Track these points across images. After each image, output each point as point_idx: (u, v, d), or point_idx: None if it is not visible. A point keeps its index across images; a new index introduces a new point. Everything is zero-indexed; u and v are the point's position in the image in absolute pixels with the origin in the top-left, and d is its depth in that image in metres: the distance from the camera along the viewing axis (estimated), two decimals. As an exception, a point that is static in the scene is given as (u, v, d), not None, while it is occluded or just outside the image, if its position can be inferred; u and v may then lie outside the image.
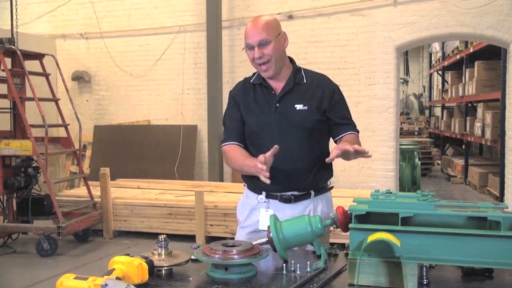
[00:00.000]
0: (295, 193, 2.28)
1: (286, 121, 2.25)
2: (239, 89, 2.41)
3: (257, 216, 2.32)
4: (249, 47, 2.23)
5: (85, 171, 6.83)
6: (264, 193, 2.30)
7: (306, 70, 2.38)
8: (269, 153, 2.01)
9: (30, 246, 5.62)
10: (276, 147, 2.02)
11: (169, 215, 5.96)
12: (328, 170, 2.38)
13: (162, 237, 1.82)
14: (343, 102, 2.37)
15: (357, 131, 2.37)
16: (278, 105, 2.27)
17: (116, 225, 6.22)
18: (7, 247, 5.71)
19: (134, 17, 8.08)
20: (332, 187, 2.45)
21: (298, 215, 2.16)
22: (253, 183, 2.35)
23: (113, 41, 8.19)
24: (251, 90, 2.36)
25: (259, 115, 2.30)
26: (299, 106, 2.25)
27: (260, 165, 2.00)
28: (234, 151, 2.33)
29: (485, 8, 6.32)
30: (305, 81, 2.32)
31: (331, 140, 2.41)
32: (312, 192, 2.31)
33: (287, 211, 2.24)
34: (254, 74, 2.40)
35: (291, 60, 2.38)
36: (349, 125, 2.35)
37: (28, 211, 5.61)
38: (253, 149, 2.32)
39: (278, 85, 2.31)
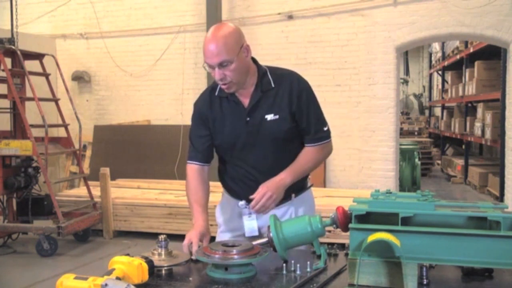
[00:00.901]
0: None
1: (258, 133, 2.14)
2: (205, 101, 2.24)
3: (239, 220, 2.24)
4: (209, 66, 2.05)
5: (85, 171, 6.83)
6: (244, 200, 2.18)
7: (272, 71, 2.20)
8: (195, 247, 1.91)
9: (30, 246, 5.62)
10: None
11: (169, 215, 5.96)
12: None
13: (162, 237, 1.82)
14: (310, 104, 2.19)
15: (326, 137, 2.23)
16: (248, 118, 2.14)
17: (116, 225, 6.22)
18: (7, 247, 5.71)
19: (134, 17, 8.08)
20: (311, 185, 2.40)
21: (280, 217, 2.18)
22: (231, 190, 2.32)
23: (113, 41, 8.19)
24: (217, 102, 2.20)
25: (230, 129, 2.17)
26: (269, 116, 2.13)
27: (186, 248, 1.92)
28: (191, 179, 2.24)
29: (485, 8, 6.32)
30: (273, 85, 2.16)
31: None
32: (293, 195, 2.25)
33: (269, 215, 2.21)
34: (217, 84, 2.21)
35: (254, 60, 2.19)
36: (312, 133, 2.19)
37: (28, 211, 5.61)
38: (227, 162, 2.28)
39: (245, 96, 2.16)
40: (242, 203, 2.18)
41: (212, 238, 2.08)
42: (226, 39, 2.01)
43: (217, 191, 2.48)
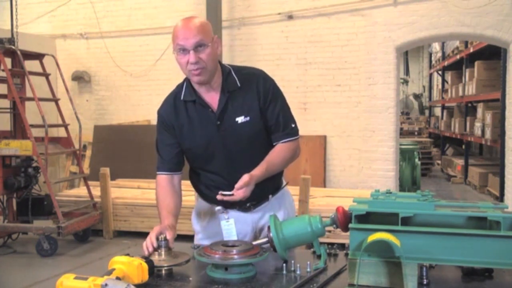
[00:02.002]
0: (253, 202, 2.17)
1: (231, 137, 2.08)
2: (169, 108, 2.17)
3: (216, 226, 2.19)
4: (182, 50, 1.99)
5: (85, 171, 6.83)
6: (221, 206, 2.13)
7: (236, 70, 2.16)
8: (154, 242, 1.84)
9: (30, 246, 5.62)
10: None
11: (169, 215, 5.95)
12: (279, 172, 2.25)
13: (162, 237, 1.82)
14: (276, 101, 2.14)
15: (294, 134, 2.18)
16: (219, 122, 2.07)
17: (116, 225, 6.22)
18: (7, 247, 5.71)
19: (134, 17, 8.08)
20: (287, 183, 2.35)
21: (259, 218, 2.19)
22: (206, 196, 2.26)
23: (113, 41, 8.19)
24: (183, 108, 2.13)
25: (200, 135, 2.10)
26: (240, 119, 2.07)
27: (148, 247, 1.83)
28: (159, 190, 2.18)
29: (485, 8, 6.32)
30: (239, 84, 2.11)
31: None
32: (270, 195, 2.22)
33: (247, 219, 2.19)
34: (180, 88, 2.19)
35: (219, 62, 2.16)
36: (280, 130, 2.14)
37: (28, 211, 5.61)
38: (198, 168, 2.22)
39: (212, 99, 2.10)
40: (219, 208, 2.12)
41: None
42: (202, 23, 2.02)
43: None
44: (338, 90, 7.02)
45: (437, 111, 15.90)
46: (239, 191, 1.95)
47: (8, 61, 5.66)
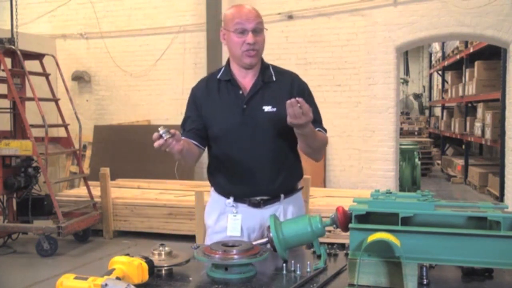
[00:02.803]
0: (264, 197, 2.18)
1: (254, 124, 2.13)
2: (202, 87, 2.26)
3: (226, 221, 2.21)
4: (241, 31, 2.09)
5: (85, 171, 6.83)
6: (232, 198, 2.19)
7: (275, 67, 2.26)
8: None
9: (30, 246, 5.62)
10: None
11: (169, 215, 5.96)
12: (297, 172, 2.30)
13: (161, 127, 1.82)
14: (311, 99, 2.21)
15: (325, 131, 2.25)
16: (245, 106, 2.14)
17: (116, 225, 6.22)
18: (7, 247, 5.71)
19: (134, 17, 8.08)
20: (301, 188, 2.37)
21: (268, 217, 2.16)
22: (220, 186, 2.27)
23: (113, 41, 8.19)
24: (215, 87, 2.20)
25: (224, 117, 2.16)
26: (267, 108, 2.13)
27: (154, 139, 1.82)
28: None
29: (485, 8, 6.32)
30: (274, 79, 2.20)
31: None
32: (282, 195, 2.22)
33: (256, 216, 2.18)
34: (218, 70, 2.26)
35: None
36: (315, 123, 2.14)
37: (28, 211, 5.61)
38: (220, 153, 2.22)
39: (246, 84, 2.18)
40: (229, 201, 2.18)
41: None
42: (257, 10, 2.17)
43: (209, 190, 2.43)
44: (338, 90, 7.02)
45: (437, 111, 15.90)
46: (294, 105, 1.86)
47: (8, 61, 5.66)
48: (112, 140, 7.88)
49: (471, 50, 9.55)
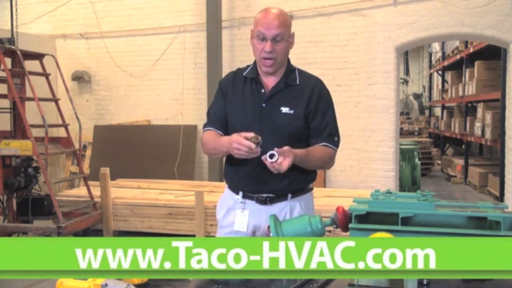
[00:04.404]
0: (271, 195, 2.23)
1: (270, 123, 2.17)
2: (230, 79, 2.34)
3: (233, 216, 2.27)
4: (261, 38, 2.15)
5: (85, 171, 6.83)
6: (241, 193, 2.26)
7: (301, 71, 2.31)
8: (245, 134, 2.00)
9: (30, 246, 5.61)
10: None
11: (169, 215, 5.96)
12: (309, 174, 2.30)
13: (251, 136, 1.95)
14: (328, 109, 2.26)
15: (335, 145, 2.25)
16: (264, 105, 2.20)
17: (116, 225, 6.22)
18: (7, 247, 5.70)
19: (134, 17, 8.08)
20: (312, 188, 2.38)
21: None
22: (232, 181, 2.32)
23: (113, 41, 8.19)
24: (241, 83, 2.28)
25: (243, 112, 2.23)
26: (285, 109, 2.18)
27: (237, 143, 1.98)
28: (209, 134, 2.26)
29: (485, 8, 6.32)
30: (297, 82, 2.25)
31: None
32: (289, 194, 2.24)
33: (262, 212, 2.20)
34: (247, 67, 2.33)
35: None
36: (323, 136, 2.22)
37: (28, 211, 5.60)
38: None
39: (269, 83, 2.24)
40: (238, 197, 2.23)
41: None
42: (287, 17, 2.20)
43: (217, 191, 2.48)
44: (338, 90, 7.02)
45: (437, 111, 15.90)
46: (284, 163, 1.99)
47: (8, 61, 5.65)
48: (112, 140, 7.88)
49: (471, 50, 9.55)
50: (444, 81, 13.66)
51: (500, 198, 7.59)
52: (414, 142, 10.04)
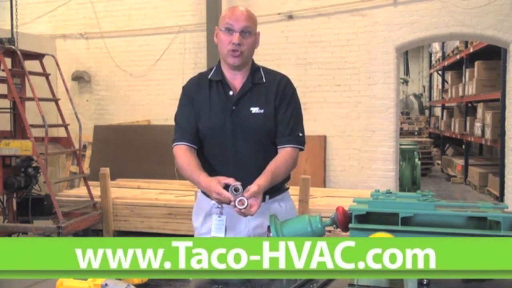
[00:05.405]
0: None
1: (241, 126, 2.13)
2: (194, 84, 2.26)
3: (211, 223, 2.17)
4: (229, 30, 2.11)
5: (85, 171, 6.83)
6: (215, 200, 2.13)
7: (265, 69, 2.27)
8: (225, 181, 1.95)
9: (30, 246, 5.61)
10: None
11: (169, 215, 5.96)
12: None
13: (233, 185, 1.91)
14: (291, 104, 2.20)
15: (299, 143, 2.20)
16: (234, 108, 2.14)
17: (116, 225, 6.22)
18: (7, 247, 5.70)
19: (134, 17, 8.08)
20: (288, 188, 2.34)
21: (253, 219, 2.12)
22: None
23: (113, 41, 8.19)
24: (206, 87, 2.21)
25: (212, 117, 2.16)
26: (255, 109, 2.14)
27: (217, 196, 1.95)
28: (182, 156, 2.15)
29: (485, 8, 6.32)
30: (264, 80, 2.21)
31: None
32: (267, 196, 2.17)
33: (241, 217, 2.09)
34: (210, 70, 2.27)
35: None
36: (287, 134, 2.17)
37: (28, 211, 5.60)
38: (206, 152, 2.21)
39: (236, 84, 2.19)
40: (213, 202, 2.11)
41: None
42: (252, 14, 2.20)
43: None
44: (338, 90, 7.02)
45: (437, 111, 15.90)
46: (254, 206, 1.95)
47: (8, 61, 5.65)
48: (112, 140, 7.88)
49: (471, 50, 9.56)
50: (444, 81, 13.67)
51: (500, 198, 7.59)
52: (414, 142, 10.04)
